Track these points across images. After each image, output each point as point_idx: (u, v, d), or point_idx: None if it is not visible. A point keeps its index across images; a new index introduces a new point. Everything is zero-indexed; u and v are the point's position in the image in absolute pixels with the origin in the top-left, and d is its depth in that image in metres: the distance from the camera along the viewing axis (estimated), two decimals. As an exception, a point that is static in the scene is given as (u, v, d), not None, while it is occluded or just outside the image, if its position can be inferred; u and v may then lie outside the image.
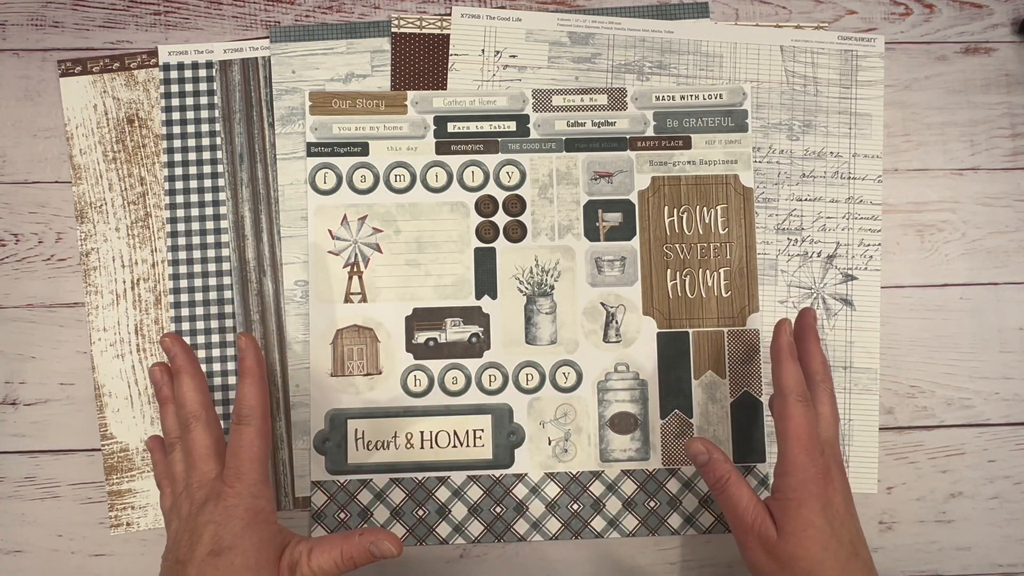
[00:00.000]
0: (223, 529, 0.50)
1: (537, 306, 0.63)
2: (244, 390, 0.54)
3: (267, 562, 0.50)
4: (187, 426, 0.54)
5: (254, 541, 0.50)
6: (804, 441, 0.52)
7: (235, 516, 0.50)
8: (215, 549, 0.49)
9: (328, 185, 0.63)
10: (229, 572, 0.48)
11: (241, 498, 0.51)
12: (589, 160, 0.64)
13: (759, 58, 0.65)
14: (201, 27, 0.65)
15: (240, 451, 0.52)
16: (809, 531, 0.50)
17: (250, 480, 0.52)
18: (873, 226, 0.65)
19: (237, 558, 0.49)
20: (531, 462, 0.62)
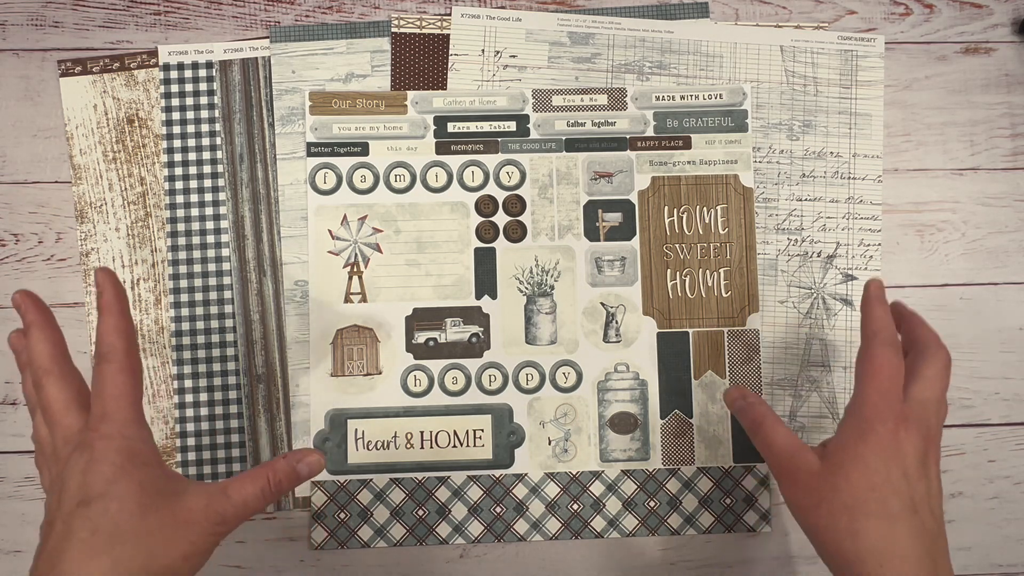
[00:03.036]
0: (91, 476, 0.43)
1: (537, 306, 0.63)
2: (103, 326, 0.47)
3: (151, 507, 0.43)
4: (39, 383, 0.46)
5: (131, 485, 0.43)
6: (882, 383, 0.48)
7: (105, 460, 0.43)
8: (84, 498, 0.42)
9: (328, 185, 0.63)
10: (103, 520, 0.42)
11: (110, 439, 0.44)
12: (589, 160, 0.64)
13: (759, 58, 0.65)
14: (201, 27, 0.65)
15: (103, 391, 0.45)
16: (858, 465, 0.46)
17: (118, 420, 0.44)
18: (873, 226, 0.65)
19: (112, 504, 0.42)
20: (531, 462, 0.62)
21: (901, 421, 0.47)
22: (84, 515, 0.42)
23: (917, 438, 0.47)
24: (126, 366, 0.46)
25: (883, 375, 0.48)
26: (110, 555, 0.41)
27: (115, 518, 0.42)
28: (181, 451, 0.62)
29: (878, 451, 0.47)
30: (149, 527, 0.42)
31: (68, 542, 0.41)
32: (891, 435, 0.47)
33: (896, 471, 0.46)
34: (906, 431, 0.47)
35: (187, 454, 0.62)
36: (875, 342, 0.49)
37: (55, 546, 0.42)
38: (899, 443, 0.47)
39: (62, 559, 0.41)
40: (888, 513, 0.45)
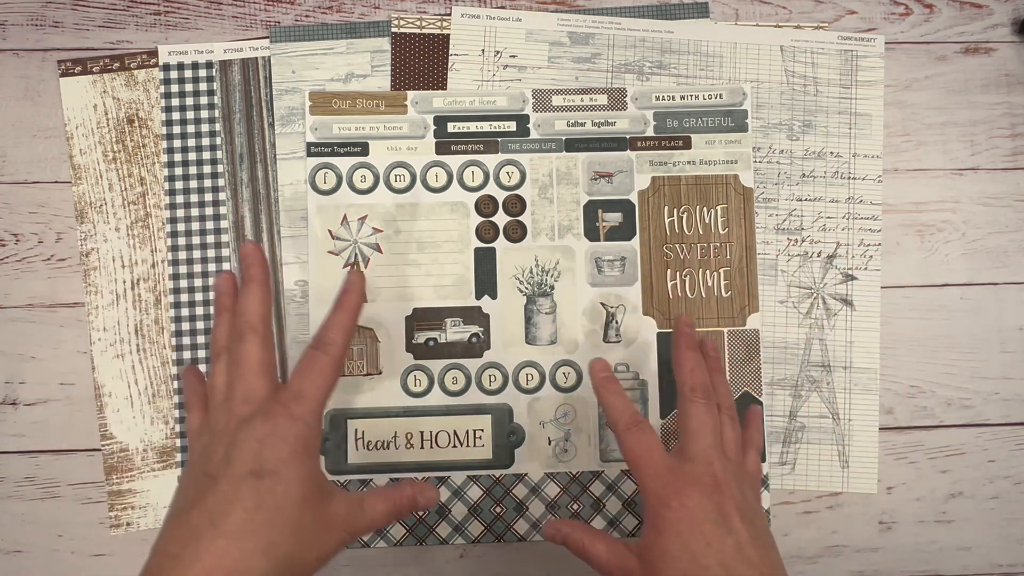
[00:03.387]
0: (268, 450, 0.44)
1: (537, 306, 0.63)
2: (334, 320, 0.49)
3: (309, 499, 0.44)
4: (242, 336, 0.48)
5: (300, 472, 0.44)
6: (647, 468, 0.49)
7: (284, 440, 0.44)
8: (256, 469, 0.43)
9: (328, 185, 0.63)
10: (269, 498, 0.43)
11: (295, 421, 0.45)
12: (589, 160, 0.64)
13: (759, 58, 0.65)
14: (201, 27, 0.65)
15: (310, 373, 0.47)
16: (665, 559, 0.46)
17: (310, 407, 0.46)
18: (873, 226, 0.65)
19: (280, 485, 0.43)
20: (531, 462, 0.62)
21: (677, 495, 0.47)
22: (253, 485, 0.43)
23: (701, 499, 0.47)
24: (338, 363, 0.48)
25: (643, 460, 0.49)
26: (266, 536, 0.42)
27: (279, 500, 0.43)
28: (181, 451, 0.62)
29: (674, 536, 0.46)
30: (303, 520, 0.43)
31: (232, 507, 0.42)
32: (676, 513, 0.47)
33: (698, 544, 0.46)
34: (687, 500, 0.47)
35: (187, 454, 0.62)
36: (620, 431, 0.50)
37: (217, 505, 0.42)
38: (688, 515, 0.47)
39: (224, 521, 0.42)
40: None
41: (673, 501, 0.47)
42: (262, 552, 0.41)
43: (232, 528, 0.41)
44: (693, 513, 0.47)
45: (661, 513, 0.47)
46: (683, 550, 0.46)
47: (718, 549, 0.46)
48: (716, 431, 0.51)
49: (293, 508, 0.43)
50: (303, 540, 0.43)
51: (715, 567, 0.45)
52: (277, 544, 0.42)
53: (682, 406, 0.52)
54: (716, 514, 0.47)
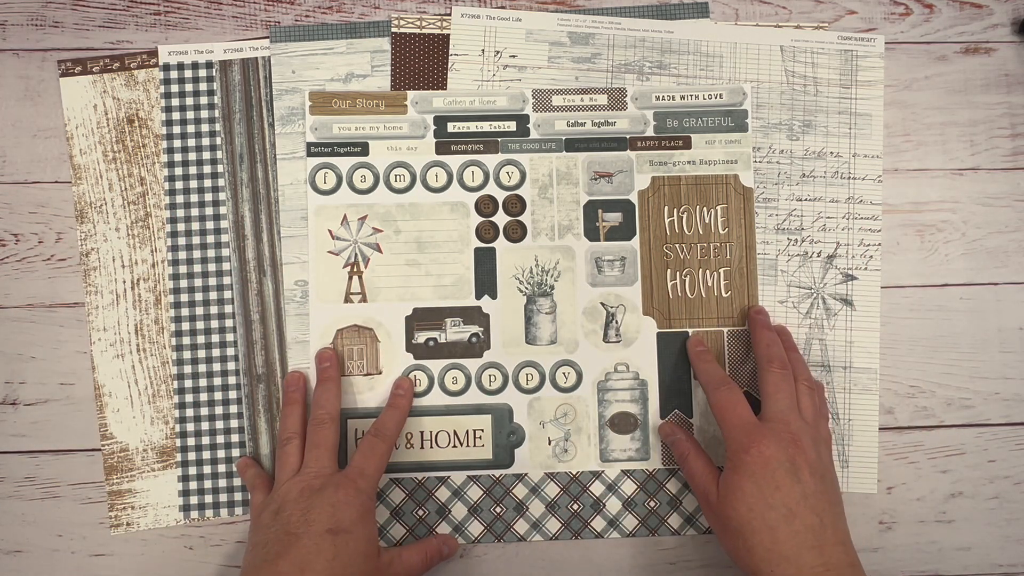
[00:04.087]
0: (342, 513, 0.53)
1: (537, 306, 0.63)
2: (388, 415, 0.60)
3: (371, 554, 0.54)
4: (322, 423, 0.58)
5: (365, 532, 0.54)
6: (731, 419, 0.56)
7: (353, 506, 0.54)
8: (333, 528, 0.53)
9: (328, 185, 0.63)
10: (344, 551, 0.52)
11: (360, 493, 0.55)
12: (589, 160, 0.64)
13: (759, 58, 0.65)
14: (201, 27, 0.65)
15: (371, 456, 0.57)
16: (737, 493, 0.53)
17: (371, 483, 0.56)
18: (873, 226, 0.65)
19: (352, 541, 0.53)
20: (531, 462, 0.62)
21: (756, 443, 0.54)
22: (332, 541, 0.52)
23: (776, 449, 0.53)
24: (390, 448, 0.59)
25: (729, 412, 0.56)
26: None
27: (352, 553, 0.53)
28: (181, 451, 0.62)
29: (749, 476, 0.53)
30: (367, 570, 0.54)
31: (316, 557, 0.51)
32: (753, 458, 0.53)
33: (768, 487, 0.53)
34: (764, 448, 0.54)
35: (187, 454, 0.62)
36: (711, 390, 0.58)
37: (303, 556, 0.51)
38: (764, 462, 0.53)
39: (310, 569, 0.51)
40: (768, 526, 0.52)
41: (752, 448, 0.54)
42: None
43: (317, 574, 0.51)
44: (768, 460, 0.53)
45: (740, 457, 0.54)
46: (754, 489, 0.53)
47: (786, 493, 0.52)
48: (792, 396, 0.57)
49: (362, 560, 0.53)
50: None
51: (780, 507, 0.52)
52: None
53: (761, 376, 0.58)
54: (789, 464, 0.53)
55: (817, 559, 0.51)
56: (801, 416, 0.56)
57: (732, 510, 0.53)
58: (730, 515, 0.53)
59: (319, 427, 0.58)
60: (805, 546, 0.51)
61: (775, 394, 0.57)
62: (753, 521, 0.52)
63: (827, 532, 0.52)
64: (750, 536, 0.52)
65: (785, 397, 0.56)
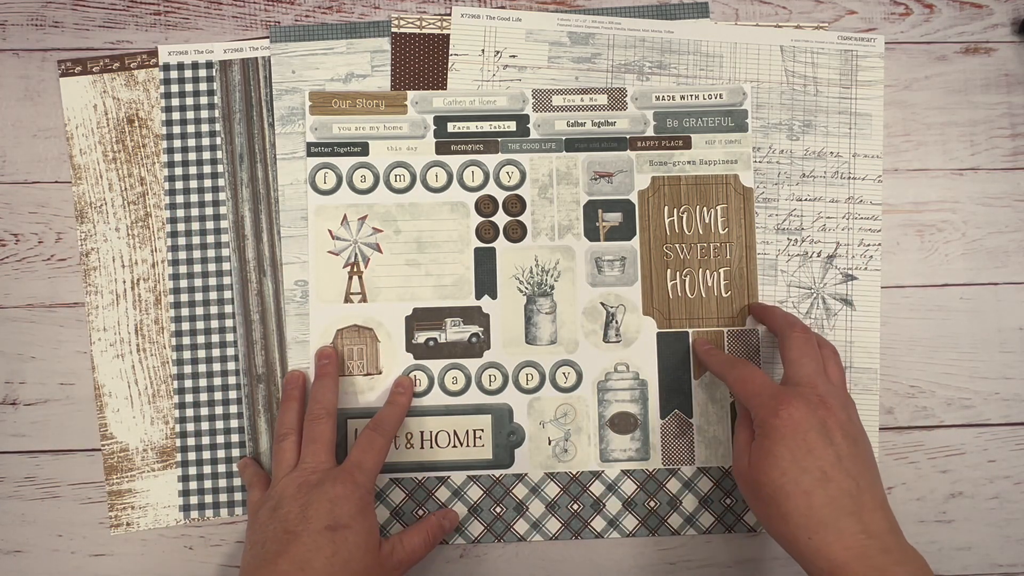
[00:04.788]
0: (340, 509, 0.53)
1: (537, 306, 0.63)
2: (387, 411, 0.60)
3: (371, 548, 0.54)
4: (319, 418, 0.58)
5: (365, 526, 0.54)
6: (753, 388, 0.54)
7: (351, 500, 0.54)
8: (331, 524, 0.52)
9: (328, 185, 0.63)
10: (343, 547, 0.52)
11: (358, 487, 0.55)
12: (589, 160, 0.64)
13: (759, 58, 0.65)
14: (201, 27, 0.65)
15: (369, 450, 0.57)
16: (768, 459, 0.51)
17: (369, 476, 0.56)
18: (873, 226, 0.65)
19: (352, 536, 0.52)
20: (531, 462, 0.62)
21: (785, 406, 0.52)
22: (330, 537, 0.52)
23: (807, 412, 0.52)
24: (388, 443, 0.59)
25: (749, 383, 0.55)
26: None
27: (352, 548, 0.52)
28: (181, 451, 0.62)
29: (779, 440, 0.51)
30: (368, 563, 0.53)
31: (316, 555, 0.51)
32: (784, 422, 0.51)
33: (800, 450, 0.51)
34: (794, 411, 0.52)
35: (187, 454, 0.62)
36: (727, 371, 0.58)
37: (302, 554, 0.51)
38: (794, 424, 0.51)
39: (310, 567, 0.50)
40: (803, 490, 0.50)
41: (782, 411, 0.52)
42: None
43: (317, 572, 0.50)
44: (798, 423, 0.51)
45: (770, 422, 0.52)
46: (787, 452, 0.51)
47: (819, 456, 0.51)
48: (818, 359, 0.55)
49: (362, 554, 0.53)
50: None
51: (814, 471, 0.50)
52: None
53: (783, 343, 0.57)
54: (820, 426, 0.52)
55: (856, 525, 0.49)
56: (828, 379, 0.55)
57: (764, 476, 0.51)
58: (762, 481, 0.52)
59: (316, 422, 0.58)
60: (843, 511, 0.49)
61: (800, 359, 0.55)
62: (786, 486, 0.50)
63: (864, 497, 0.50)
64: (784, 502, 0.50)
65: (811, 361, 0.55)
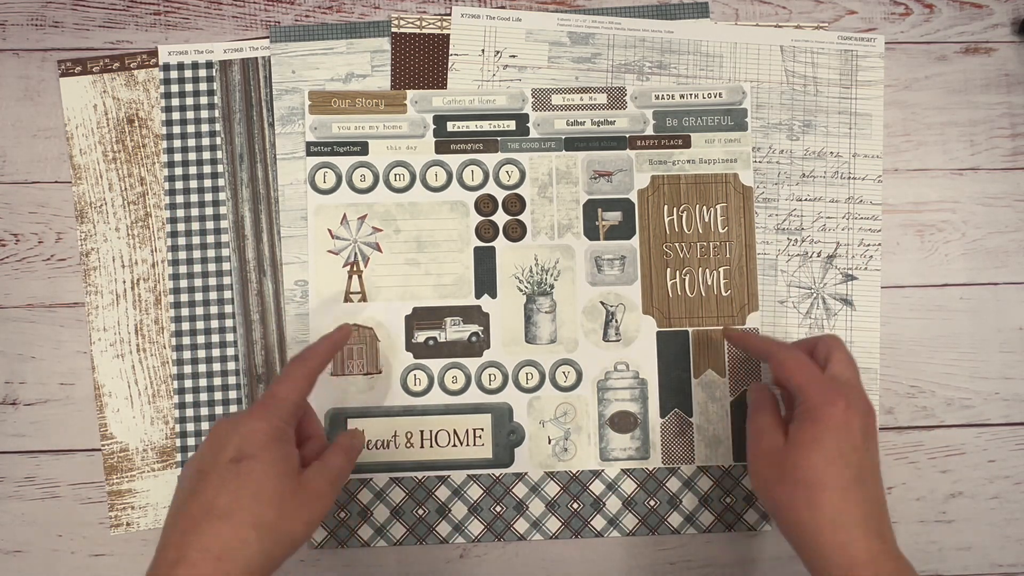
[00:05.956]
0: (247, 441, 0.50)
1: (537, 305, 0.63)
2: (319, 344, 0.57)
3: (285, 475, 0.50)
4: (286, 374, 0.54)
5: (275, 454, 0.50)
6: (811, 372, 0.53)
7: (261, 432, 0.50)
8: (236, 456, 0.49)
9: (328, 184, 0.63)
10: (250, 479, 0.49)
11: (271, 417, 0.51)
12: (589, 159, 0.64)
13: (759, 58, 0.65)
14: (201, 27, 0.65)
15: (286, 380, 0.53)
16: (815, 444, 0.50)
17: (284, 406, 0.52)
18: (873, 226, 0.65)
19: (258, 466, 0.49)
20: (531, 461, 0.62)
21: (842, 400, 0.51)
22: (235, 470, 0.48)
23: (859, 415, 0.51)
24: (312, 373, 0.54)
25: (802, 368, 0.53)
26: (253, 511, 0.47)
27: (259, 478, 0.48)
28: (181, 451, 0.62)
29: (831, 429, 0.50)
30: (284, 492, 0.49)
31: (221, 491, 0.48)
32: (840, 414, 0.51)
33: (847, 446, 0.50)
34: (850, 409, 0.51)
35: (187, 454, 0.62)
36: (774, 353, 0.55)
37: (209, 493, 0.48)
38: (847, 420, 0.51)
39: (216, 505, 0.47)
40: (841, 485, 0.49)
41: (839, 403, 0.51)
42: (251, 526, 0.47)
43: (223, 509, 0.47)
44: (850, 421, 0.51)
45: (824, 409, 0.51)
46: (834, 443, 0.50)
47: (862, 457, 0.50)
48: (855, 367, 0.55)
49: (272, 483, 0.49)
50: (286, 511, 0.49)
51: (856, 468, 0.50)
52: (263, 517, 0.48)
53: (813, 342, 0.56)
54: (865, 430, 0.51)
55: (879, 530, 0.49)
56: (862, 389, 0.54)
57: (805, 460, 0.50)
58: (802, 465, 0.50)
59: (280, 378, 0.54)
60: (872, 515, 0.49)
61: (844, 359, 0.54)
62: (827, 476, 0.49)
63: (884, 508, 0.51)
64: (819, 492, 0.49)
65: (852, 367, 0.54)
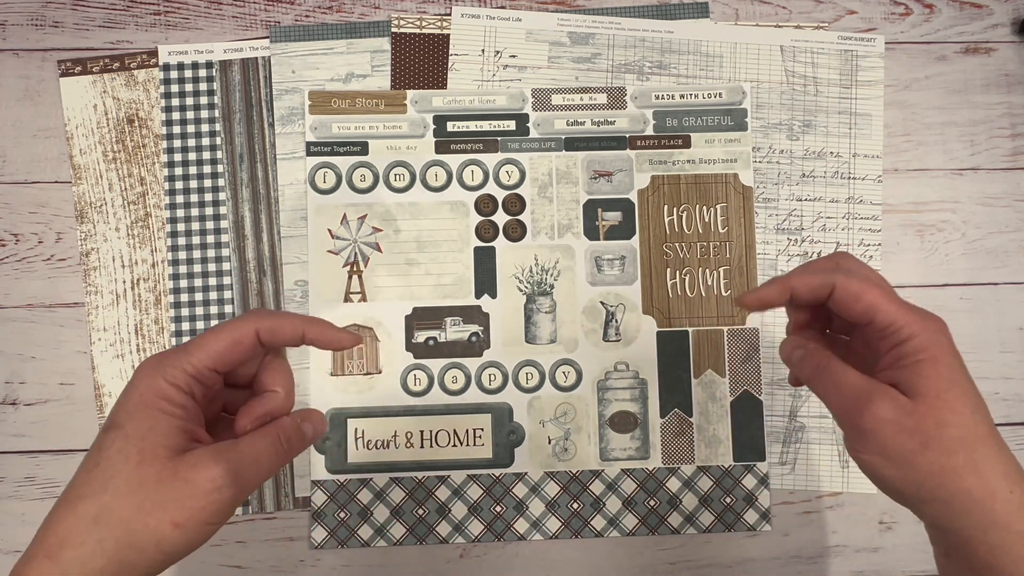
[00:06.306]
0: (121, 403, 0.39)
1: (537, 305, 0.63)
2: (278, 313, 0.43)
3: (151, 454, 0.38)
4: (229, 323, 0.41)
5: (144, 424, 0.38)
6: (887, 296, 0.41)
7: (137, 390, 0.39)
8: (106, 424, 0.39)
9: (328, 184, 0.63)
10: (105, 456, 0.37)
11: (158, 377, 0.39)
12: (589, 159, 0.64)
13: (759, 58, 0.65)
14: (201, 27, 0.65)
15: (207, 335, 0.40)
16: (955, 390, 0.39)
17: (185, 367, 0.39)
18: (873, 226, 0.65)
19: (119, 440, 0.38)
20: (531, 461, 0.62)
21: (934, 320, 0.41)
22: (99, 442, 0.38)
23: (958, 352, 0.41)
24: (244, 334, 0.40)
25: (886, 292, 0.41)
26: (99, 500, 0.37)
27: (115, 457, 0.37)
28: (181, 451, 0.62)
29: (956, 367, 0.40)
30: (144, 478, 0.37)
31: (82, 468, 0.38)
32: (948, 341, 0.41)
33: (970, 380, 0.41)
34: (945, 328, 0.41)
35: (187, 454, 0.62)
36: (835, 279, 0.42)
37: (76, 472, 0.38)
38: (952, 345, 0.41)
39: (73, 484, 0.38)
40: (991, 431, 0.40)
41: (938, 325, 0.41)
42: (93, 518, 0.37)
43: (72, 493, 0.37)
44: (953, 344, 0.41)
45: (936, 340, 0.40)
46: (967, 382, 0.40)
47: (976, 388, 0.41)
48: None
49: (129, 464, 0.37)
50: (145, 502, 0.37)
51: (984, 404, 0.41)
52: (110, 508, 0.37)
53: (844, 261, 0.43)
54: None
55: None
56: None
57: (952, 413, 0.39)
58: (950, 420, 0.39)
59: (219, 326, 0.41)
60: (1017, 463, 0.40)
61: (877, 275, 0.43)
62: (979, 425, 0.39)
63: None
64: (978, 446, 0.39)
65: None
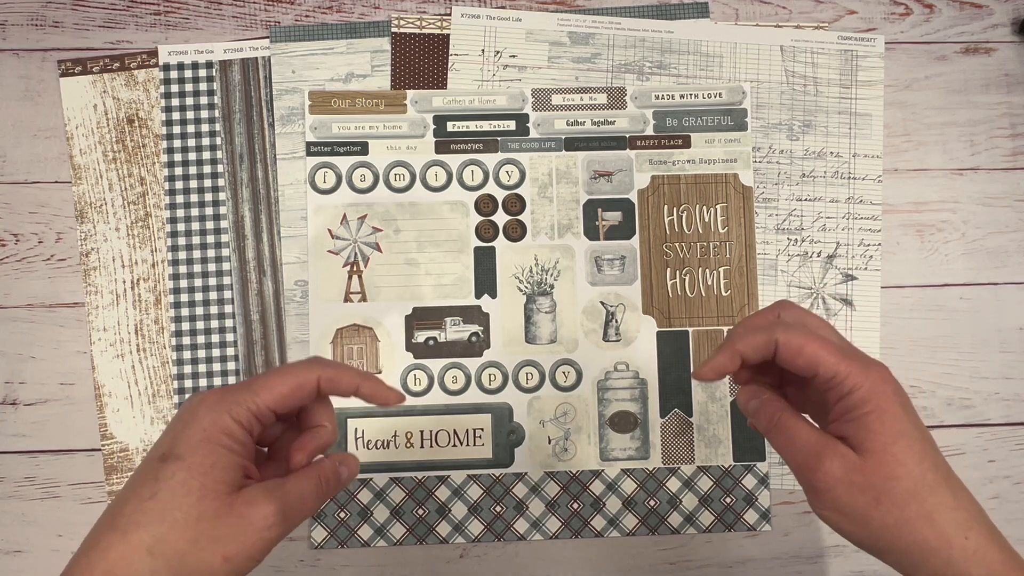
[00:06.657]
0: (182, 435, 0.39)
1: (537, 305, 0.63)
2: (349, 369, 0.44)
3: (212, 489, 0.39)
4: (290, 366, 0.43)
5: (209, 459, 0.39)
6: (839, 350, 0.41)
7: (202, 425, 0.39)
8: (164, 454, 0.39)
9: (328, 184, 0.63)
10: (166, 486, 0.38)
11: (224, 414, 0.40)
12: (589, 159, 0.64)
13: (759, 58, 0.65)
14: (201, 27, 0.65)
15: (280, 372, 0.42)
16: (901, 441, 0.39)
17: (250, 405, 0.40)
18: (873, 226, 0.65)
19: (181, 472, 0.38)
20: (531, 461, 0.62)
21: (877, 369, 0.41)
22: (155, 472, 0.39)
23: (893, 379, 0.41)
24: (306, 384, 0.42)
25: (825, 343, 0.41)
26: (155, 530, 0.37)
27: (176, 489, 0.38)
28: (181, 451, 0.62)
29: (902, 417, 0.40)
30: (203, 512, 0.38)
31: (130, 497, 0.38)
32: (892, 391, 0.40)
33: (919, 427, 0.40)
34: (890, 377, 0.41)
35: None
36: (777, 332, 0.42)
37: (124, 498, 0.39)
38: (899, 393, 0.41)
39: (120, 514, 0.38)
40: (944, 480, 0.40)
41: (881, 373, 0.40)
42: (148, 549, 0.37)
43: (124, 521, 0.38)
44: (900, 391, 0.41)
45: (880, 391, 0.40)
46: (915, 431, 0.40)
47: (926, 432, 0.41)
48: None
49: (190, 498, 0.38)
50: (201, 536, 0.38)
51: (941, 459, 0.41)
52: (167, 540, 0.37)
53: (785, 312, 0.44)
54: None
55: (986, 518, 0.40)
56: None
57: (900, 466, 0.39)
58: (899, 474, 0.39)
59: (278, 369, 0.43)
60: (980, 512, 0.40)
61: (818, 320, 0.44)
62: (929, 474, 0.39)
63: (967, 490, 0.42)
64: (928, 496, 0.39)
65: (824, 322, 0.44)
